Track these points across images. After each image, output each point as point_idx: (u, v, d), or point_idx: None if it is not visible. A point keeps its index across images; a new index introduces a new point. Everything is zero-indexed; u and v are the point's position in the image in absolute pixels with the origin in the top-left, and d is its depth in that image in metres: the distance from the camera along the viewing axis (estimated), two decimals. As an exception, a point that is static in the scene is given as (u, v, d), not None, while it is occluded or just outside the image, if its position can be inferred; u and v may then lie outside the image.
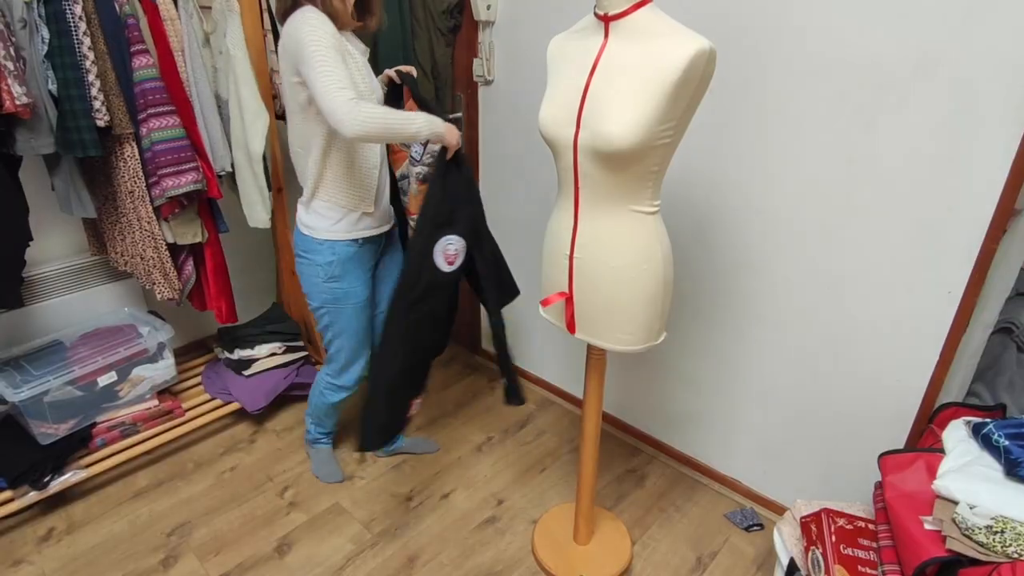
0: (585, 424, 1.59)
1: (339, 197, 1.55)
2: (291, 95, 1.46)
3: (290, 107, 1.49)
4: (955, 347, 1.42)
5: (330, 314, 1.67)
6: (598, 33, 1.19)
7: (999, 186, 1.27)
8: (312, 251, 1.59)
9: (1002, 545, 1.02)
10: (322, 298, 1.64)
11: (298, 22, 1.35)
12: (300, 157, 1.55)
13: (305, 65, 1.33)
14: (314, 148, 1.48)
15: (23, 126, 1.57)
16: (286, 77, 1.43)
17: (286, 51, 1.40)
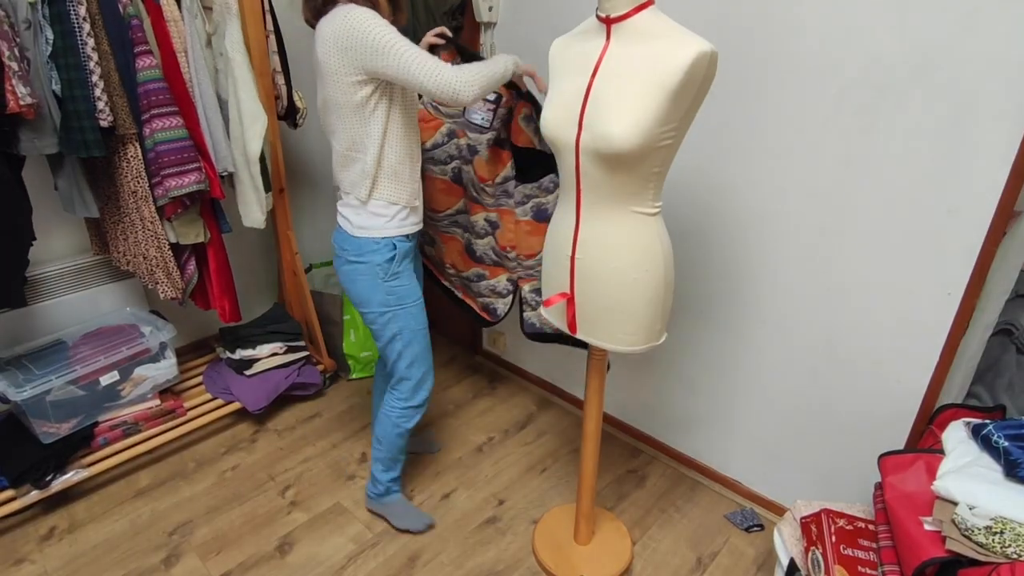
0: (586, 424, 1.60)
1: (396, 193, 1.50)
2: (344, 96, 1.38)
3: (341, 110, 1.41)
4: (955, 348, 1.43)
5: (397, 318, 1.56)
6: (600, 35, 1.20)
7: (999, 188, 1.27)
8: (369, 252, 1.51)
9: (1001, 546, 1.02)
10: (385, 300, 1.54)
11: (355, 20, 1.30)
12: (352, 160, 1.47)
13: (382, 56, 1.29)
14: (371, 147, 1.43)
15: (27, 126, 1.57)
16: (340, 78, 1.36)
17: (343, 50, 1.32)
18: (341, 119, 1.43)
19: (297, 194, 2.65)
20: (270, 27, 2.03)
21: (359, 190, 1.48)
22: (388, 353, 1.62)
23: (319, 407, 2.38)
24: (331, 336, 2.54)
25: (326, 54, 1.36)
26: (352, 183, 1.49)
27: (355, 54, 1.32)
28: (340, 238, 1.55)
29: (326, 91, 1.42)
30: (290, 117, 2.20)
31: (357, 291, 1.56)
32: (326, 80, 1.40)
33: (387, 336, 1.59)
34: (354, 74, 1.35)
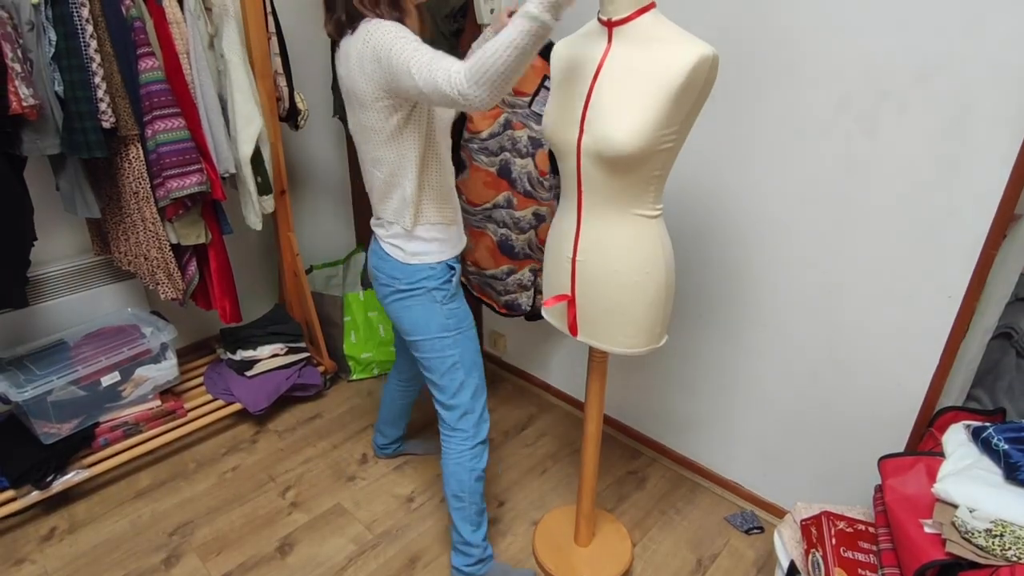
0: (587, 426, 1.60)
1: (443, 213, 1.41)
2: (379, 123, 1.26)
3: (377, 136, 1.29)
4: (955, 352, 1.43)
5: (457, 344, 1.45)
6: (602, 38, 1.20)
7: (999, 192, 1.28)
8: (424, 278, 1.40)
9: (1001, 548, 1.02)
10: (445, 324, 1.43)
11: (376, 36, 1.17)
12: (392, 187, 1.36)
13: (391, 60, 1.15)
14: (410, 171, 1.32)
15: (29, 127, 1.58)
16: (370, 104, 1.24)
17: (367, 76, 1.20)
18: (379, 147, 1.31)
19: (298, 196, 2.66)
20: (272, 29, 2.03)
21: (403, 218, 1.37)
22: (447, 383, 1.47)
23: (320, 408, 2.39)
24: (332, 337, 2.54)
25: (351, 79, 1.25)
26: (395, 212, 1.38)
27: (378, 73, 1.19)
28: (388, 267, 1.42)
29: (357, 116, 1.31)
30: (292, 119, 2.21)
31: (412, 319, 1.43)
32: (356, 105, 1.29)
33: (447, 364, 1.46)
34: (384, 98, 1.22)
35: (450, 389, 1.48)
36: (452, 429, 1.52)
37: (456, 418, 1.50)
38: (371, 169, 1.38)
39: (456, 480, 1.53)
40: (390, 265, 1.42)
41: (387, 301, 1.47)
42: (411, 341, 1.47)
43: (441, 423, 1.54)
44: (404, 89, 1.17)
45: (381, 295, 1.49)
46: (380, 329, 2.58)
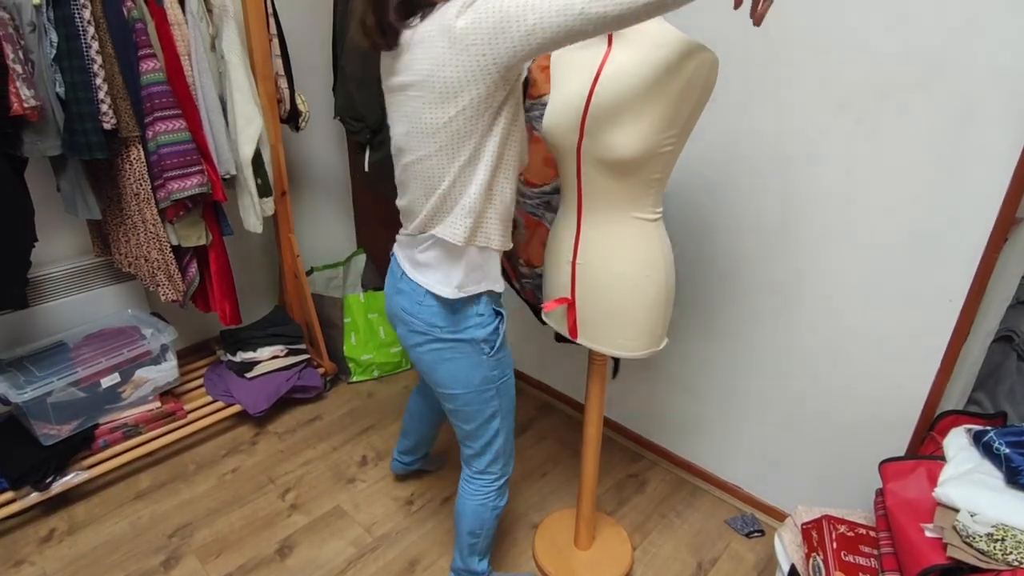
0: (587, 429, 1.60)
1: (503, 236, 1.20)
2: (462, 118, 1.04)
3: (450, 137, 1.07)
4: (956, 355, 1.43)
5: (499, 395, 1.30)
6: (601, 41, 1.20)
7: (1000, 195, 1.28)
8: (470, 327, 1.21)
9: (1003, 553, 1.02)
10: (489, 377, 1.26)
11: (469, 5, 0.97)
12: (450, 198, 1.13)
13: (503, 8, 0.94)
14: (480, 176, 1.11)
15: (30, 128, 1.58)
16: (464, 90, 1.01)
17: (465, 49, 0.97)
18: (450, 149, 1.09)
19: (299, 197, 2.66)
20: (273, 31, 2.04)
21: (455, 229, 1.14)
22: (481, 434, 1.33)
23: (320, 410, 2.38)
24: (332, 339, 2.54)
25: (430, 69, 1.02)
26: (445, 223, 1.15)
27: (486, 48, 0.97)
28: (427, 312, 1.21)
29: (427, 115, 1.07)
30: (293, 121, 2.21)
31: (451, 372, 1.24)
32: (430, 102, 1.05)
33: (484, 416, 1.31)
34: (482, 80, 1.00)
35: (484, 438, 1.35)
36: (480, 473, 1.40)
37: (486, 464, 1.39)
38: (427, 181, 1.14)
39: (477, 520, 1.44)
40: (429, 310, 1.20)
41: (420, 350, 1.26)
42: (444, 393, 1.29)
43: (467, 465, 1.42)
44: (516, 37, 0.95)
45: (410, 342, 1.26)
46: (380, 331, 2.58)
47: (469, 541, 1.48)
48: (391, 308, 1.32)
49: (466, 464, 1.43)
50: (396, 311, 1.29)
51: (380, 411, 2.38)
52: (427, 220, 1.17)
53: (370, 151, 2.20)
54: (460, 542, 1.50)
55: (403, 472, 2.00)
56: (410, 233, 1.23)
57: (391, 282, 1.32)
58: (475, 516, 1.44)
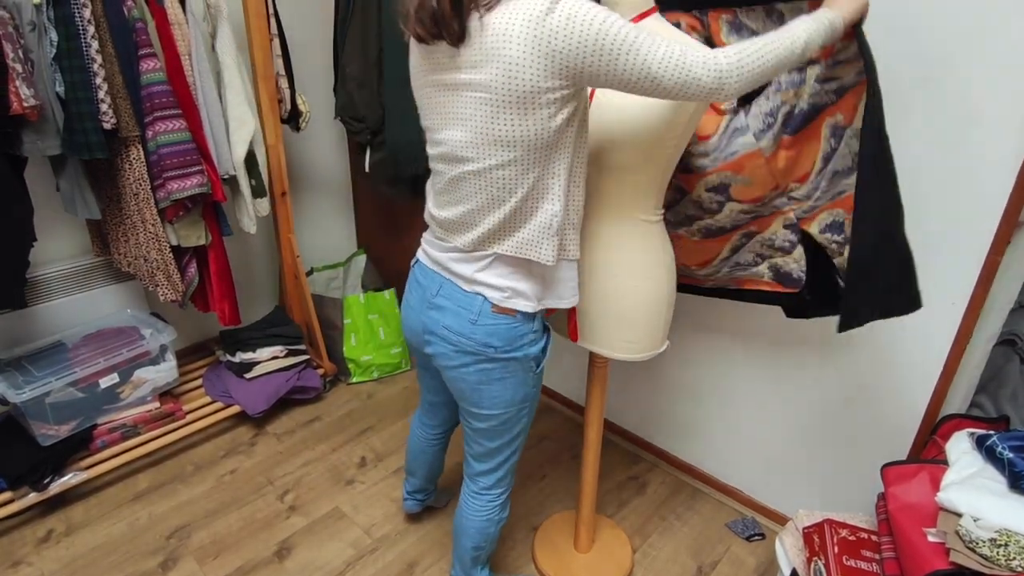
0: (587, 431, 1.59)
1: (576, 245, 1.13)
2: (535, 124, 0.96)
3: (521, 144, 0.98)
4: (959, 358, 1.42)
5: (529, 412, 1.26)
6: None
7: (1004, 198, 1.27)
8: (525, 344, 1.14)
9: (1006, 558, 1.01)
10: (528, 395, 1.21)
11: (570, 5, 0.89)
12: (524, 213, 1.05)
13: (617, 57, 0.89)
14: (555, 187, 1.03)
15: (30, 128, 1.57)
16: (532, 97, 0.93)
17: (550, 55, 0.90)
18: (521, 158, 0.99)
19: (299, 198, 2.66)
20: (274, 30, 2.03)
21: (542, 250, 1.06)
22: (501, 451, 1.28)
23: (319, 411, 2.38)
24: (332, 340, 2.53)
25: (502, 68, 0.92)
26: (527, 243, 1.06)
27: (571, 57, 0.90)
28: (481, 332, 1.11)
29: (493, 122, 0.97)
30: (293, 121, 2.20)
31: (496, 393, 1.17)
32: (497, 106, 0.95)
33: (512, 434, 1.26)
34: (557, 88, 0.93)
35: (502, 456, 1.30)
36: (487, 489, 1.35)
37: (494, 481, 1.34)
38: (492, 191, 1.04)
39: (481, 535, 1.39)
40: (485, 329, 1.11)
41: (464, 371, 1.15)
42: (480, 414, 1.21)
43: (472, 481, 1.37)
44: (606, 75, 0.92)
45: (452, 363, 1.16)
46: (380, 332, 2.57)
47: (473, 555, 1.43)
48: (423, 325, 1.19)
49: (472, 480, 1.37)
50: (435, 329, 1.16)
51: (380, 412, 2.38)
52: (490, 235, 1.07)
53: (371, 152, 2.19)
54: (462, 556, 1.45)
55: (421, 509, 1.84)
56: (461, 248, 1.11)
57: (421, 296, 1.20)
58: (480, 532, 1.39)
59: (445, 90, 1.01)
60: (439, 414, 1.56)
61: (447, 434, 1.64)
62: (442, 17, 0.93)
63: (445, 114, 1.03)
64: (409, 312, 1.25)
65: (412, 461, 1.70)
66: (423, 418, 1.60)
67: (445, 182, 1.10)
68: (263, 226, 2.41)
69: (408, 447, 1.69)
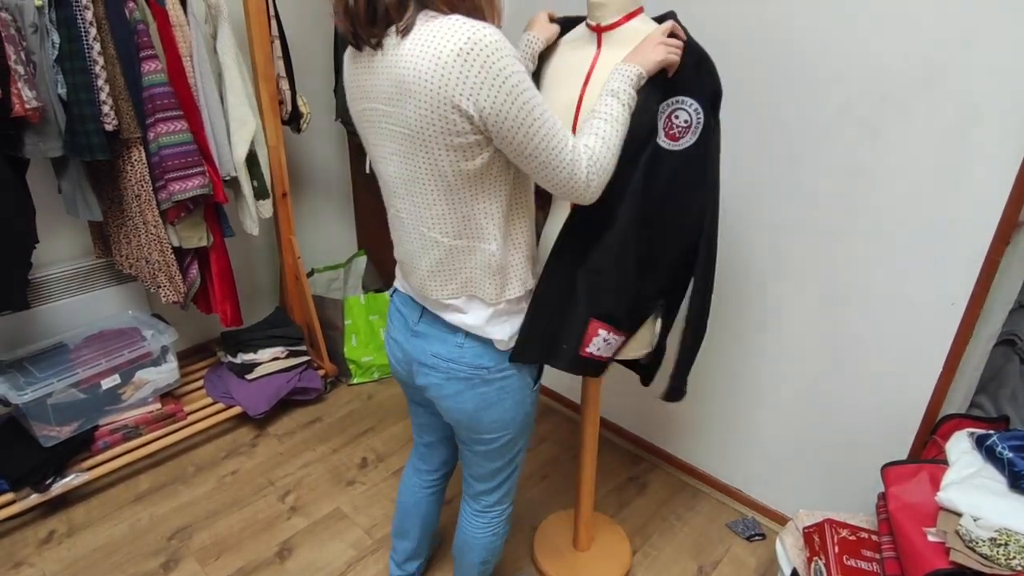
0: (584, 430, 1.59)
1: (529, 276, 1.08)
2: (452, 163, 0.91)
3: (442, 182, 0.93)
4: (958, 358, 1.42)
5: (530, 428, 1.22)
6: (591, 44, 1.19)
7: (1003, 198, 1.27)
8: (512, 366, 1.10)
9: (1006, 558, 1.02)
10: (529, 412, 1.18)
11: (485, 49, 0.82)
12: (461, 252, 1.00)
13: (509, 119, 0.86)
14: (490, 227, 0.98)
15: (32, 129, 1.58)
16: (445, 137, 0.88)
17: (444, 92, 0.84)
18: (442, 195, 0.95)
19: (300, 199, 2.66)
20: (275, 32, 2.04)
21: (484, 289, 1.03)
22: (502, 470, 1.24)
23: (320, 412, 2.38)
24: (333, 341, 2.53)
25: (421, 95, 0.85)
26: (470, 282, 1.03)
27: (477, 107, 0.85)
28: (469, 354, 1.06)
29: (407, 158, 0.93)
30: (294, 122, 2.21)
31: (497, 416, 1.12)
32: (411, 140, 0.91)
33: (513, 452, 1.22)
34: (468, 132, 0.88)
35: (504, 475, 1.25)
36: (490, 507, 1.31)
37: (497, 499, 1.30)
38: (425, 232, 1.00)
39: (487, 551, 1.35)
40: (473, 351, 1.06)
41: (461, 398, 1.10)
42: (481, 438, 1.16)
43: (474, 501, 1.32)
44: (509, 145, 0.89)
45: (446, 391, 1.10)
46: (381, 333, 2.57)
47: (480, 569, 1.38)
48: (409, 355, 1.13)
49: (474, 500, 1.31)
50: (422, 358, 1.10)
51: (380, 413, 2.38)
52: (432, 282, 1.04)
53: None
54: (468, 572, 1.39)
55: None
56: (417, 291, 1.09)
57: (404, 325, 1.14)
58: (486, 548, 1.34)
59: (373, 122, 0.96)
60: (437, 455, 1.42)
61: (445, 479, 1.48)
62: (356, 15, 0.88)
63: (375, 146, 0.99)
64: (393, 345, 1.18)
65: (403, 519, 1.48)
66: (418, 464, 1.45)
67: (390, 219, 1.07)
68: (264, 227, 2.41)
69: (398, 503, 1.49)
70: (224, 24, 1.85)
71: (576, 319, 1.17)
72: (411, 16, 0.86)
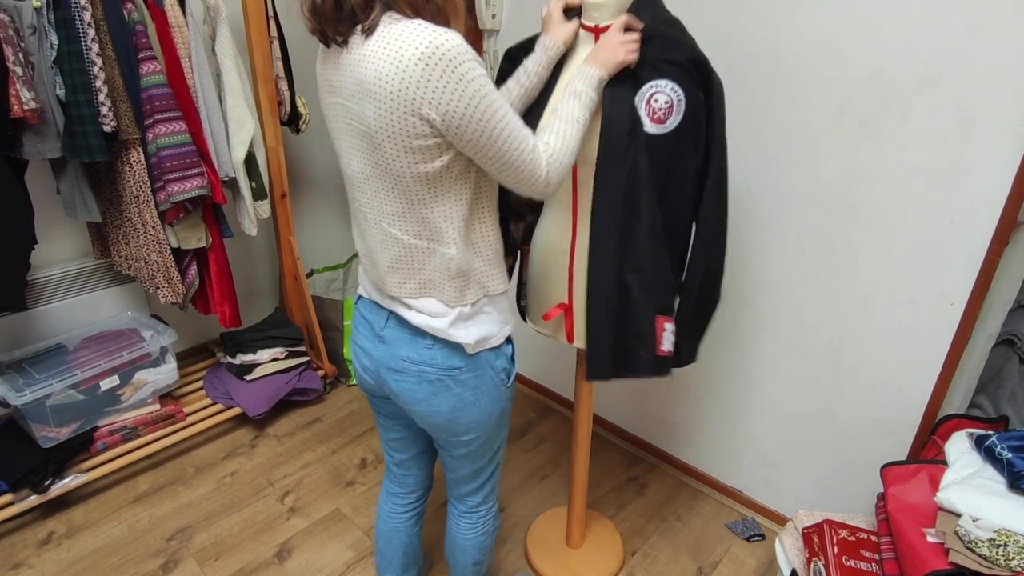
0: (577, 427, 1.59)
1: (498, 279, 1.06)
2: (413, 165, 0.91)
3: (401, 183, 0.93)
4: (958, 359, 1.42)
5: (506, 423, 1.19)
6: (588, 44, 1.19)
7: (1002, 198, 1.27)
8: (484, 364, 1.07)
9: (1005, 558, 1.02)
10: (504, 408, 1.15)
11: (447, 53, 0.82)
12: (421, 253, 1.00)
13: (472, 123, 0.86)
14: (449, 231, 0.97)
15: (30, 130, 1.58)
16: (403, 140, 0.88)
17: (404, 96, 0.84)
18: (401, 195, 0.95)
19: (299, 199, 2.66)
20: (274, 33, 2.04)
21: (443, 291, 1.01)
22: (484, 469, 1.22)
23: (319, 412, 2.38)
24: (332, 341, 2.53)
25: (381, 97, 0.86)
26: (428, 283, 1.02)
27: (439, 111, 0.85)
28: (440, 355, 1.04)
29: (368, 154, 0.94)
30: (293, 123, 2.21)
31: (472, 417, 1.10)
32: (371, 139, 0.91)
33: (492, 451, 1.20)
34: (428, 135, 0.88)
35: (486, 474, 1.24)
36: (476, 507, 1.29)
37: (482, 497, 1.28)
38: (386, 228, 1.00)
39: (479, 551, 1.33)
40: (443, 352, 1.04)
41: (435, 402, 1.07)
42: (458, 441, 1.14)
43: (459, 502, 1.30)
44: (471, 148, 0.89)
45: (418, 396, 1.07)
46: (380, 333, 2.57)
47: (474, 570, 1.38)
48: (378, 363, 1.10)
49: (459, 501, 1.29)
50: (392, 364, 1.07)
51: (380, 414, 2.38)
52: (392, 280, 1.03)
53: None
54: (463, 573, 1.38)
55: None
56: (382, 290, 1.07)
57: (370, 332, 1.11)
58: (477, 548, 1.33)
59: (339, 117, 0.97)
60: (411, 476, 1.36)
61: (422, 501, 1.41)
62: (323, 13, 0.88)
63: (339, 140, 1.00)
64: (360, 353, 1.15)
65: (384, 547, 1.43)
66: (391, 487, 1.39)
67: (353, 213, 1.07)
68: (263, 228, 2.41)
69: (377, 533, 1.43)
70: (223, 25, 1.85)
71: (643, 322, 1.18)
72: (376, 16, 0.86)
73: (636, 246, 1.16)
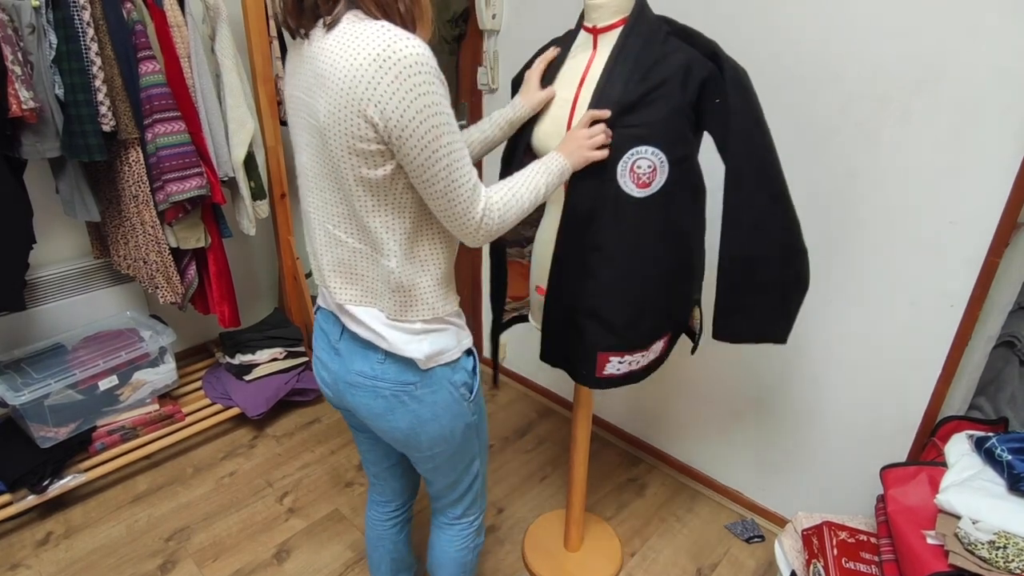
0: (576, 429, 1.59)
1: (445, 301, 1.02)
2: (354, 167, 0.88)
3: (344, 183, 0.91)
4: (957, 360, 1.42)
5: (478, 436, 1.15)
6: (587, 46, 1.19)
7: (1002, 200, 1.27)
8: (441, 379, 1.02)
9: (1004, 561, 1.01)
10: (470, 422, 1.10)
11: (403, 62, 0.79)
12: (364, 259, 0.97)
13: (413, 137, 0.83)
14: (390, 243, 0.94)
15: (29, 130, 1.57)
16: (349, 141, 0.85)
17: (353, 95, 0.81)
18: (344, 198, 0.93)
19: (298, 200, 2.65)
20: (273, 32, 2.04)
21: (384, 303, 0.99)
22: (461, 481, 1.19)
23: (318, 413, 2.38)
24: (331, 342, 2.53)
25: (332, 92, 0.83)
26: (371, 292, 1.00)
27: (383, 117, 0.82)
28: (392, 370, 1.00)
29: (317, 150, 0.92)
30: (292, 123, 2.20)
31: (433, 433, 1.06)
32: (320, 134, 0.89)
33: (465, 463, 1.16)
34: (372, 140, 0.85)
35: (463, 486, 1.20)
36: (457, 519, 1.26)
37: (464, 509, 1.25)
38: (330, 229, 0.98)
39: (459, 566, 1.29)
40: (396, 367, 1.00)
41: (391, 418, 1.03)
42: (423, 456, 1.10)
43: (440, 514, 1.27)
44: (408, 163, 0.86)
45: (376, 411, 1.04)
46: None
47: None
48: (335, 376, 1.06)
49: (440, 513, 1.27)
50: (347, 377, 1.04)
51: (379, 414, 2.38)
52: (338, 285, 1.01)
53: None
54: None
55: None
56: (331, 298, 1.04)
57: (327, 344, 1.08)
58: (456, 563, 1.29)
59: (296, 110, 0.94)
60: (389, 485, 1.33)
61: (404, 509, 1.38)
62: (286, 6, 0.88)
63: (294, 133, 0.98)
64: (319, 364, 1.12)
65: (372, 554, 1.41)
66: (374, 496, 1.37)
67: (303, 211, 1.04)
68: (262, 228, 2.40)
69: (367, 542, 1.42)
70: (222, 25, 1.85)
71: (586, 355, 1.26)
72: (339, 12, 0.84)
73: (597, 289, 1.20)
